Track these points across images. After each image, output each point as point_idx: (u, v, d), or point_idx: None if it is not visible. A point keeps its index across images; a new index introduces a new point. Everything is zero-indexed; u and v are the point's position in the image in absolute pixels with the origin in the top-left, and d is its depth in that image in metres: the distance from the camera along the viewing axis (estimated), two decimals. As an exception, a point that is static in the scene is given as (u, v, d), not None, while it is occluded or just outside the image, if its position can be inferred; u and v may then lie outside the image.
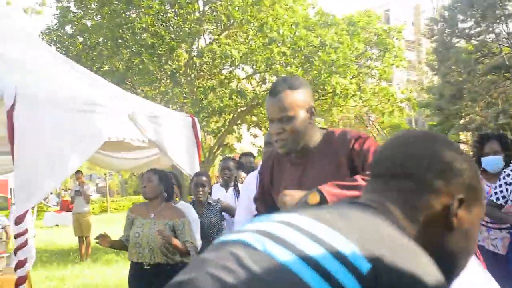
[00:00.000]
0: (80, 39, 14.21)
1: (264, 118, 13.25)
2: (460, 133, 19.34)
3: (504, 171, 3.63)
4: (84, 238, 10.04)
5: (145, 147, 4.58)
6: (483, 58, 18.71)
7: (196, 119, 5.26)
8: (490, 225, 3.86)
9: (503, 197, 3.52)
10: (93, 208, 14.69)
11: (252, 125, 15.22)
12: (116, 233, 4.77)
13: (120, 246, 4.00)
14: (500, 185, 3.57)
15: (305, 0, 13.52)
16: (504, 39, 18.71)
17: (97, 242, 3.96)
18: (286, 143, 1.87)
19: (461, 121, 18.53)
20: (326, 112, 14.44)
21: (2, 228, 7.02)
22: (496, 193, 3.59)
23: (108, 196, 25.95)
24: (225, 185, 5.09)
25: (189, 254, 3.77)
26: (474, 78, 17.86)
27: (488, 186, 3.84)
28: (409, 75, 28.30)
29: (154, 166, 4.39)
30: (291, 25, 12.64)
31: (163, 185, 3.85)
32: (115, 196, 34.25)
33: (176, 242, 3.62)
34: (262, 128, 14.59)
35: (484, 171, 3.91)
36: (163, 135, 4.37)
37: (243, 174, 5.28)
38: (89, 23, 14.09)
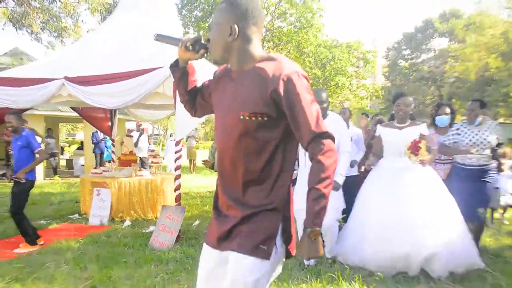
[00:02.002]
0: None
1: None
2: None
3: (453, 127, 5.13)
4: (192, 160, 17.45)
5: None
6: (413, 72, 30.68)
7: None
8: (437, 160, 5.36)
9: (454, 142, 4.98)
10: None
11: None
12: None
13: (213, 166, 5.78)
14: (452, 135, 5.04)
15: (321, 30, 23.17)
16: (426, 62, 31.45)
17: (202, 163, 6.61)
18: (209, 50, 1.90)
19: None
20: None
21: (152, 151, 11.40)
22: (448, 139, 5.02)
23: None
24: None
25: None
26: (409, 83, 29.47)
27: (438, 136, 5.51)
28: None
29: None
30: (316, 45, 22.32)
31: None
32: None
33: None
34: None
35: (437, 127, 5.59)
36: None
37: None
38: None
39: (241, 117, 1.74)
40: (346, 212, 4.99)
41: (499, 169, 6.11)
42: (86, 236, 6.02)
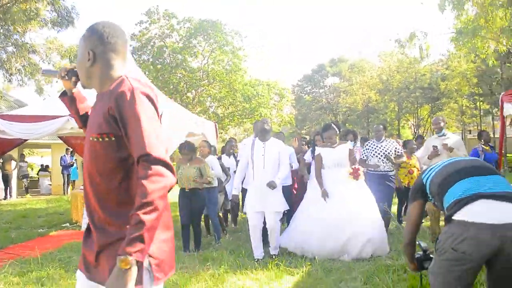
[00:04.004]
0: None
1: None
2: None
3: (365, 145, 6.70)
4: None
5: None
6: (314, 103, 37.29)
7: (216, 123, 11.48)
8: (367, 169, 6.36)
9: (366, 155, 6.37)
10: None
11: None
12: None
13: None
14: (365, 150, 6.44)
15: (246, 72, 28.32)
16: (323, 95, 38.11)
17: None
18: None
19: (303, 131, 35.86)
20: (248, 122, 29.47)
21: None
22: (364, 154, 6.48)
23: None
24: (228, 154, 7.84)
25: (209, 182, 6.04)
26: (311, 112, 35.86)
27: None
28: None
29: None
30: (243, 84, 27.42)
31: (191, 149, 6.08)
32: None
33: (197, 180, 5.83)
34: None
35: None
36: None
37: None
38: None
39: (91, 138, 1.69)
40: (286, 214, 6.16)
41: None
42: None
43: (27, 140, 8.47)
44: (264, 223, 5.42)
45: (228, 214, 7.96)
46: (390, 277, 4.17)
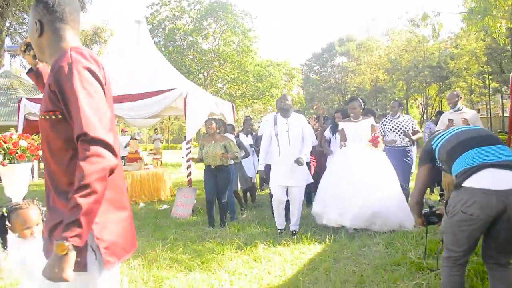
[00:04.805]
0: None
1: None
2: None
3: (381, 121, 6.65)
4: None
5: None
6: (322, 83, 37.38)
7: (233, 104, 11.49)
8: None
9: (383, 130, 6.40)
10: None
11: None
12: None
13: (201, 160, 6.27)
14: (382, 125, 6.47)
15: (257, 53, 28.42)
16: (331, 75, 38.22)
17: (192, 160, 7.03)
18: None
19: (311, 111, 36.21)
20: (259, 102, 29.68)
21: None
22: (380, 129, 6.34)
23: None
24: (246, 132, 8.00)
25: (236, 158, 6.17)
26: (319, 92, 35.96)
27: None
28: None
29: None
30: (254, 65, 27.54)
31: (217, 126, 6.20)
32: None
33: (226, 154, 5.94)
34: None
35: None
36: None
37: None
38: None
39: (41, 117, 1.60)
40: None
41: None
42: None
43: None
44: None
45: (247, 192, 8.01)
46: (409, 242, 4.52)
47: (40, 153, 4.77)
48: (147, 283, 3.84)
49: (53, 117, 1.55)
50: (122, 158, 13.70)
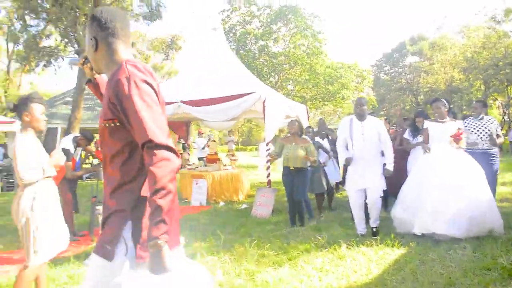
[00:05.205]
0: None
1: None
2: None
3: (463, 122, 6.06)
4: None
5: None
6: (393, 84, 36.25)
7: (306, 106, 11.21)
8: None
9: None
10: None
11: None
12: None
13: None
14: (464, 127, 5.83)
15: (327, 56, 28.26)
16: (402, 75, 36.96)
17: (270, 157, 7.01)
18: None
19: (381, 113, 35.14)
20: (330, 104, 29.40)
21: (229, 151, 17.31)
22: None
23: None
24: (322, 136, 7.87)
25: (314, 162, 6.16)
26: (390, 93, 34.96)
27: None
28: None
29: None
30: (325, 67, 27.39)
31: (298, 128, 6.35)
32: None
33: (308, 157, 6.05)
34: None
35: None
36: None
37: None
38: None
39: (102, 125, 1.75)
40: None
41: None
42: (199, 212, 7.89)
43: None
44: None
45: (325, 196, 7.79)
46: (498, 247, 4.45)
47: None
48: (240, 275, 4.13)
49: (112, 124, 1.71)
50: (201, 159, 14.22)
